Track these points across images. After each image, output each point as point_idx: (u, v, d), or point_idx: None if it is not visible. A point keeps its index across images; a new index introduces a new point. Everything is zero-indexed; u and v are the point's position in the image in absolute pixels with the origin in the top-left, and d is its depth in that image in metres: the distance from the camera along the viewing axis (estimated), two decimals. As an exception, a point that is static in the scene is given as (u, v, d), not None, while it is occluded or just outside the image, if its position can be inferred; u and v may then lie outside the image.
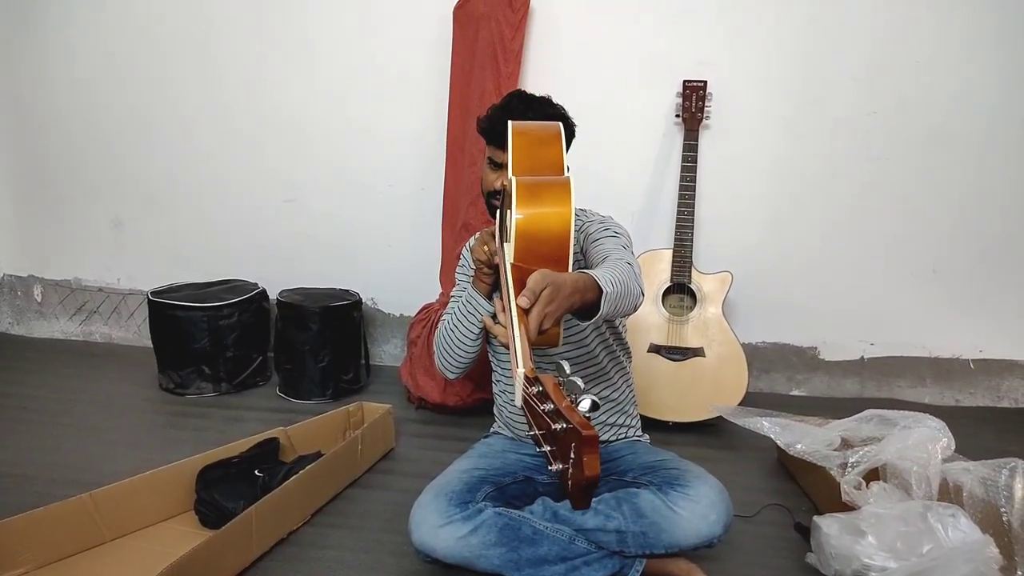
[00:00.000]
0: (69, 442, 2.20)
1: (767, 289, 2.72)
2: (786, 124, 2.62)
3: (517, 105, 1.57)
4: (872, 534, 1.45)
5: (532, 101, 1.60)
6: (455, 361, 1.68)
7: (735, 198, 2.68)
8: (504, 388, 1.75)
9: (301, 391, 2.61)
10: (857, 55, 2.54)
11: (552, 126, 1.42)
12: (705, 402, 2.35)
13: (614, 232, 1.58)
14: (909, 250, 2.68)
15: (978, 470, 1.60)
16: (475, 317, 1.60)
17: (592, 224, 1.63)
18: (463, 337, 1.63)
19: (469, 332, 1.62)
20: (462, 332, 1.63)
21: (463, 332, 1.63)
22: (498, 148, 1.58)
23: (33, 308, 3.25)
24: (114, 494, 1.68)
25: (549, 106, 1.60)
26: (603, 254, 1.49)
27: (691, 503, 1.44)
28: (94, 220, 3.10)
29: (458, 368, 1.69)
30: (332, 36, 2.76)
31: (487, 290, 1.60)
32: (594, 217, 1.68)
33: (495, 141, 1.59)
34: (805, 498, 1.99)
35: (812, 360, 2.81)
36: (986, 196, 2.61)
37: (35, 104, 3.03)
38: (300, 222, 2.95)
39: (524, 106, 1.57)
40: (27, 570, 1.54)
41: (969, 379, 2.76)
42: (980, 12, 2.46)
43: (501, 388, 1.76)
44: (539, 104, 1.59)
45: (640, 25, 2.60)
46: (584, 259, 1.62)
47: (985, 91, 2.52)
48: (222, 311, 2.62)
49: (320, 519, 1.81)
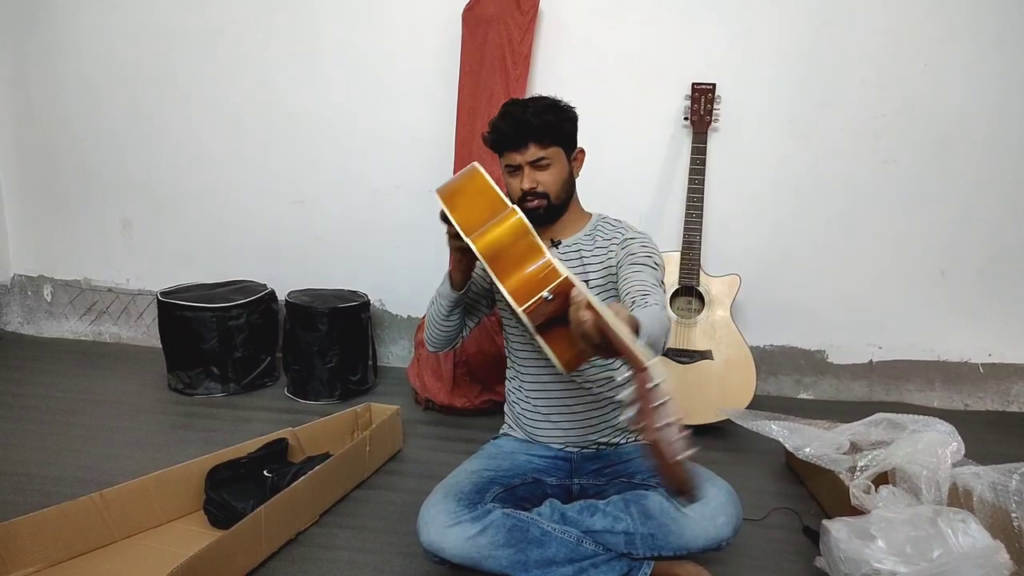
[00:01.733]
0: (79, 442, 2.21)
1: (775, 292, 2.72)
2: (794, 127, 2.61)
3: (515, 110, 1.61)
4: (882, 538, 1.44)
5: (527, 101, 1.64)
6: (433, 334, 1.74)
7: (743, 201, 2.68)
8: (520, 386, 1.74)
9: (309, 392, 2.62)
10: (865, 58, 2.53)
11: (466, 171, 1.53)
12: (712, 405, 2.35)
13: (655, 263, 1.60)
14: (917, 253, 2.67)
15: (988, 475, 1.60)
16: (445, 301, 1.67)
17: (634, 242, 1.64)
18: (437, 312, 1.70)
19: (442, 309, 1.69)
20: (437, 308, 1.70)
21: (438, 308, 1.70)
22: (512, 151, 1.61)
23: (43, 308, 3.27)
24: (124, 493, 1.69)
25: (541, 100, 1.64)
26: (641, 289, 1.50)
27: (700, 505, 1.44)
28: (104, 221, 3.12)
29: (435, 342, 1.76)
30: (341, 38, 2.77)
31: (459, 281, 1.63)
32: (635, 235, 1.68)
33: (505, 147, 1.62)
34: (813, 502, 1.98)
35: (820, 363, 2.80)
36: (995, 199, 2.60)
37: (45, 106, 3.05)
38: (309, 223, 2.96)
39: (521, 108, 1.61)
40: (37, 569, 1.55)
41: (978, 383, 2.75)
42: (988, 16, 2.46)
43: (516, 385, 1.76)
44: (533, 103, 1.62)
45: (648, 28, 2.60)
46: (616, 271, 1.63)
47: (994, 94, 2.51)
48: (231, 312, 2.63)
49: (328, 519, 1.82)
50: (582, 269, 1.67)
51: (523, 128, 1.58)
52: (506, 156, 1.63)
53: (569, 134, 1.66)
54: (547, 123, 1.59)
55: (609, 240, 1.68)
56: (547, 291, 1.23)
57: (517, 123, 1.59)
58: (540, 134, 1.59)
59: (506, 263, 1.33)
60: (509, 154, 1.62)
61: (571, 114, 1.65)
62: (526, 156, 1.60)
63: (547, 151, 1.61)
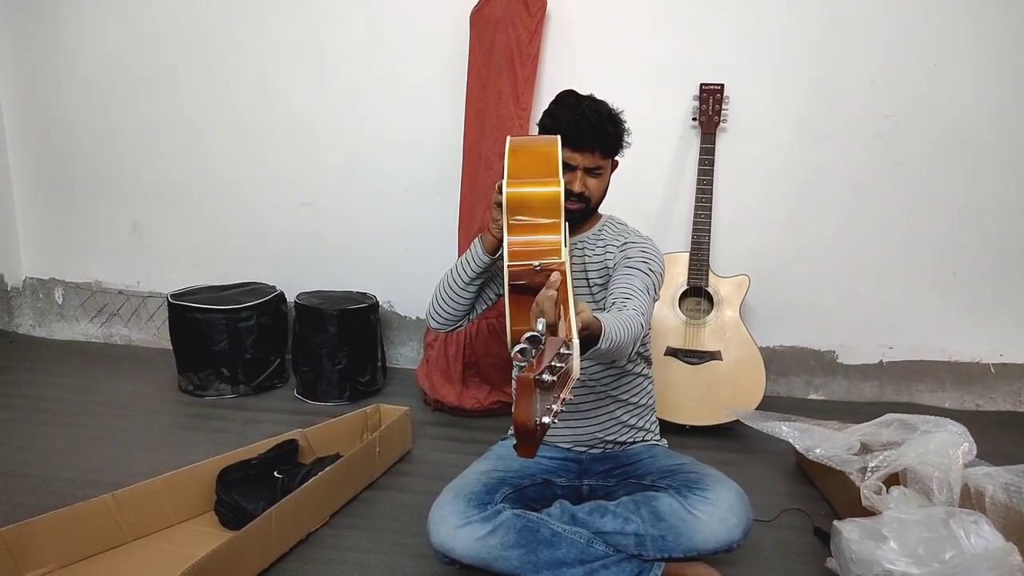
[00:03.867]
0: (90, 443, 2.22)
1: (784, 292, 2.71)
2: (803, 127, 2.60)
3: (591, 114, 1.61)
4: (894, 539, 1.43)
5: (597, 105, 1.65)
6: (443, 307, 1.71)
7: (752, 201, 2.67)
8: None
9: (318, 393, 2.62)
10: (873, 59, 2.52)
11: (548, 136, 1.53)
12: (722, 406, 2.34)
13: (650, 269, 1.59)
14: (928, 253, 2.66)
15: (1001, 475, 1.59)
16: (473, 264, 1.65)
17: (634, 247, 1.65)
18: (456, 279, 1.68)
19: (464, 275, 1.66)
20: (457, 274, 1.68)
21: (458, 274, 1.67)
22: (575, 151, 1.60)
23: (54, 310, 3.29)
24: (135, 495, 1.70)
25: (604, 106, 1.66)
26: (624, 292, 1.50)
27: (710, 506, 1.44)
28: (114, 223, 3.13)
29: (442, 317, 1.73)
30: (348, 39, 2.77)
31: (493, 244, 1.61)
32: (637, 240, 1.69)
33: (571, 144, 1.58)
34: (824, 502, 1.98)
35: (830, 364, 2.79)
36: (1005, 199, 2.58)
37: (56, 110, 3.07)
38: (317, 225, 2.97)
39: (596, 113, 1.62)
40: (50, 570, 1.56)
41: (989, 384, 2.73)
42: (997, 16, 2.44)
43: None
44: (601, 108, 1.65)
45: (656, 28, 2.60)
46: (611, 271, 1.64)
47: (1003, 94, 2.50)
48: (241, 314, 2.64)
49: (339, 520, 1.82)
50: (582, 266, 1.68)
51: (599, 135, 1.60)
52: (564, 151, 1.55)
53: (621, 147, 1.69)
54: (617, 135, 1.63)
55: (611, 242, 1.70)
56: (539, 262, 1.25)
57: (593, 128, 1.59)
58: (608, 145, 1.63)
59: (522, 220, 1.37)
60: (570, 152, 1.59)
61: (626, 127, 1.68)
62: (587, 161, 1.61)
63: (604, 161, 1.64)
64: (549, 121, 1.63)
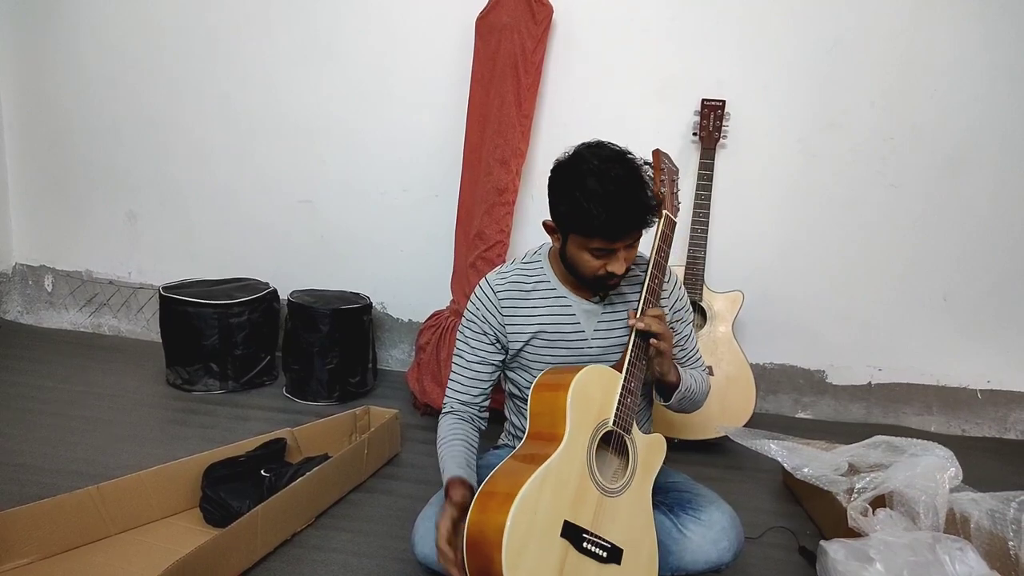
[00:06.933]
0: (75, 434, 2.20)
1: (777, 310, 2.72)
2: (802, 146, 2.62)
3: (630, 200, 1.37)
4: (880, 562, 1.44)
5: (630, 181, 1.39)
6: None
7: (749, 218, 2.68)
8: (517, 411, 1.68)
9: (307, 392, 2.61)
10: (875, 81, 2.54)
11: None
12: (711, 421, 2.34)
13: (692, 317, 1.72)
14: (920, 277, 2.68)
15: (986, 502, 1.60)
16: None
17: (681, 299, 1.67)
18: None
19: None
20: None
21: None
22: (615, 241, 1.39)
23: (43, 298, 3.26)
24: (120, 488, 1.69)
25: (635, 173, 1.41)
26: (690, 356, 1.68)
27: (702, 527, 1.44)
28: (108, 213, 3.11)
29: None
30: (351, 40, 2.77)
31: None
32: (681, 292, 1.66)
33: (608, 236, 1.37)
34: (810, 522, 1.99)
35: (819, 383, 2.80)
36: (1000, 226, 2.61)
37: (51, 97, 3.04)
38: (313, 224, 2.96)
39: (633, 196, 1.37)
40: (31, 560, 1.54)
41: (976, 409, 2.75)
42: (1000, 42, 2.47)
43: (514, 410, 1.71)
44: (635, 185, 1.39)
45: (660, 42, 2.61)
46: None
47: (1002, 121, 2.53)
48: (232, 309, 2.62)
49: (324, 521, 1.81)
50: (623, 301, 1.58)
51: (639, 220, 1.38)
52: (597, 241, 1.38)
53: None
54: (655, 206, 1.42)
55: (666, 293, 1.61)
56: None
57: (635, 216, 1.37)
58: (647, 224, 1.41)
59: None
60: (607, 243, 1.38)
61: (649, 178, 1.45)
62: (627, 241, 1.41)
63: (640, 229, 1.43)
64: (576, 216, 1.37)
